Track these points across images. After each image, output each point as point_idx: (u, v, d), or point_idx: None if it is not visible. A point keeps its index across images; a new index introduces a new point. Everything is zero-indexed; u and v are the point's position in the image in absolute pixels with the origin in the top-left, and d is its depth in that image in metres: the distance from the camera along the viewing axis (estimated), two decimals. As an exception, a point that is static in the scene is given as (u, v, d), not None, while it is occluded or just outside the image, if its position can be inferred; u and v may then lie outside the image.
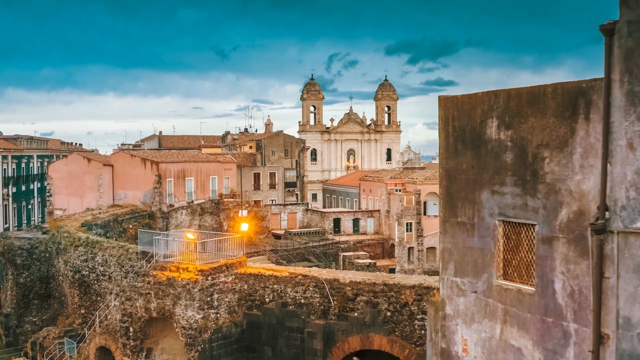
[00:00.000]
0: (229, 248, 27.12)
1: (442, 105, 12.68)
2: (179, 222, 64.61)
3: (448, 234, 12.61)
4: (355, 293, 24.45)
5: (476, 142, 12.03)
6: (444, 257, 12.80)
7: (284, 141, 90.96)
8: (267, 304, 26.12)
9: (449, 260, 12.72)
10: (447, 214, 12.64)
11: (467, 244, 12.26)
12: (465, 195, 12.28)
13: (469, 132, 12.17)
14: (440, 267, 12.94)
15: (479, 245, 12.01)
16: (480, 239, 12.00)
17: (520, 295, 11.21)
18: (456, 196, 12.46)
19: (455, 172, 12.48)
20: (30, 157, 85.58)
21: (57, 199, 63.65)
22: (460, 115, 12.31)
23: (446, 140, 12.66)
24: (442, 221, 12.75)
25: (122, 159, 64.63)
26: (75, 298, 35.11)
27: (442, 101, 12.71)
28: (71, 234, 36.72)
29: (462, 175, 12.35)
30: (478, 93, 11.94)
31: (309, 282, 25.37)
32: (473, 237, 12.11)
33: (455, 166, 12.47)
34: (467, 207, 12.21)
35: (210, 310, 25.52)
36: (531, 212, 10.88)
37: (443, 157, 12.74)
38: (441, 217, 12.81)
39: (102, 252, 32.63)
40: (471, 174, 12.13)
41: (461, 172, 12.38)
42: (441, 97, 12.74)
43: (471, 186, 12.13)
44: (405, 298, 23.56)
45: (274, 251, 68.07)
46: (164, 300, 26.31)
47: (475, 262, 12.12)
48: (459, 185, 12.36)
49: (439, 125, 12.87)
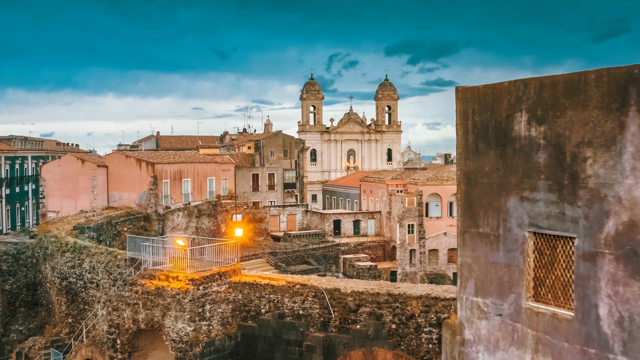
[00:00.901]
0: (223, 254, 25.37)
1: (461, 98, 10.94)
2: (175, 225, 63.13)
3: (467, 246, 10.87)
4: (358, 304, 22.71)
5: (501, 140, 10.28)
6: (463, 273, 11.06)
7: (283, 141, 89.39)
8: (263, 315, 24.38)
9: (468, 277, 10.97)
10: (466, 223, 10.89)
11: (491, 258, 10.51)
12: (489, 202, 10.53)
13: (493, 129, 10.43)
14: (458, 284, 11.20)
15: (505, 261, 10.26)
16: (506, 253, 10.25)
17: (555, 320, 9.47)
18: (477, 203, 10.71)
19: (476, 174, 10.73)
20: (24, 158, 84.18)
21: (50, 200, 62.17)
22: (482, 108, 10.56)
23: (465, 138, 10.91)
24: (461, 232, 11.01)
25: (117, 159, 63.25)
26: (62, 306, 33.38)
27: (460, 93, 10.96)
28: (58, 239, 34.98)
29: (485, 178, 10.60)
30: (504, 83, 10.20)
31: (308, 291, 23.63)
32: (498, 251, 10.36)
33: (476, 168, 10.72)
34: (491, 216, 10.47)
35: (201, 322, 23.78)
36: (569, 222, 9.14)
37: (461, 158, 10.99)
38: (459, 227, 11.07)
39: (89, 258, 30.89)
40: (495, 178, 10.38)
41: (483, 174, 10.63)
42: (459, 88, 11.00)
43: (495, 191, 10.38)
44: (411, 309, 21.83)
45: (273, 254, 66.56)
46: (153, 311, 24.57)
47: (501, 280, 10.38)
48: (480, 191, 10.61)
49: (457, 120, 11.13)
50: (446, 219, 74.16)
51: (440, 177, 76.83)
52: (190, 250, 24.70)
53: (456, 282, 44.40)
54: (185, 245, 24.71)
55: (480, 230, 10.60)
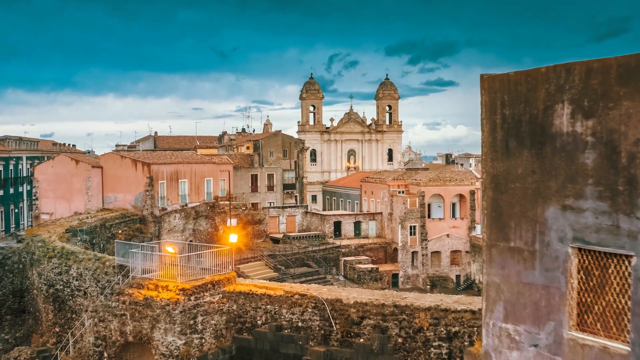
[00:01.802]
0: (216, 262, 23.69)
1: (487, 88, 9.26)
2: (172, 227, 61.63)
3: (495, 263, 9.20)
4: (361, 316, 21.03)
5: (538, 137, 8.61)
6: (490, 294, 9.38)
7: (282, 141, 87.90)
8: (259, 327, 22.68)
9: (496, 299, 9.29)
10: (494, 236, 9.22)
11: (525, 278, 8.84)
12: (522, 211, 8.86)
13: (527, 124, 8.76)
14: (483, 307, 9.52)
15: (542, 282, 8.60)
16: (544, 272, 8.58)
17: (606, 355, 7.81)
18: (508, 212, 9.03)
19: (506, 178, 9.06)
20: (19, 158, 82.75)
21: (44, 202, 60.72)
22: (514, 100, 8.89)
23: (492, 134, 9.24)
24: (487, 246, 9.34)
25: (112, 160, 61.83)
26: (49, 315, 31.71)
27: (486, 82, 9.28)
28: (45, 244, 33.29)
29: (517, 183, 8.92)
30: (540, 68, 8.53)
31: (307, 302, 21.94)
32: (533, 270, 8.69)
33: (506, 170, 9.04)
34: (525, 228, 8.79)
35: (193, 334, 22.10)
36: (626, 237, 7.48)
37: (488, 159, 9.32)
38: (485, 240, 9.39)
39: (76, 264, 29.20)
40: (530, 182, 8.71)
41: (515, 178, 8.95)
42: (485, 77, 9.33)
43: (531, 199, 8.71)
44: (419, 322, 20.15)
45: (272, 256, 65.15)
46: (141, 323, 22.89)
47: (537, 304, 8.71)
48: (511, 197, 8.93)
49: (482, 114, 9.45)
50: (449, 221, 72.67)
51: (442, 177, 75.25)
52: (181, 257, 23.01)
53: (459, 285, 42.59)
54: (175, 252, 23.03)
55: (512, 244, 8.92)
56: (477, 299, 21.26)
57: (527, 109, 8.75)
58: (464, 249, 72.21)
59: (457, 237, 72.31)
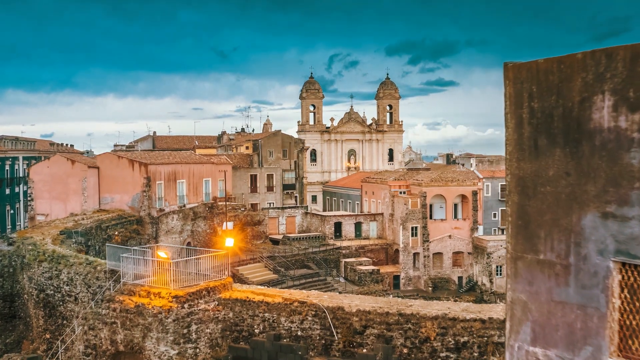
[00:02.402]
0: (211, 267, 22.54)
1: (512, 78, 8.12)
2: (169, 228, 60.65)
3: (522, 278, 8.06)
4: (364, 324, 19.90)
5: (573, 134, 7.46)
6: (515, 313, 8.24)
7: (282, 141, 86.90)
8: (256, 336, 21.55)
9: (522, 319, 8.15)
10: (520, 247, 8.08)
11: (557, 296, 7.70)
12: (554, 218, 7.71)
13: (560, 118, 7.61)
14: (507, 327, 8.39)
15: (577, 301, 7.45)
16: (580, 290, 7.43)
17: (655, 387, 6.67)
18: (537, 220, 7.89)
19: (534, 181, 7.91)
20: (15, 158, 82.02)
21: (39, 203, 59.82)
22: (544, 91, 7.75)
23: (518, 131, 8.09)
24: (512, 258, 8.20)
25: (109, 160, 60.95)
26: (40, 320, 30.59)
27: (510, 71, 8.15)
28: (36, 247, 32.14)
29: (548, 186, 7.78)
30: (576, 54, 7.38)
31: (307, 310, 20.81)
32: (567, 287, 7.55)
33: (534, 172, 7.90)
34: (557, 238, 7.65)
35: (187, 344, 20.97)
36: (681, 251, 6.34)
37: (513, 158, 8.18)
38: (509, 251, 8.25)
39: (67, 268, 28.09)
40: (564, 186, 7.57)
41: (546, 181, 7.81)
42: (509, 65, 8.19)
43: (564, 205, 7.57)
44: (425, 332, 19.03)
45: (272, 258, 64.24)
46: (132, 332, 21.76)
47: (571, 326, 7.56)
48: (541, 203, 7.79)
49: (506, 108, 8.31)
50: (451, 221, 71.67)
51: (444, 177, 74.19)
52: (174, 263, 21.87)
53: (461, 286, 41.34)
54: (168, 257, 21.89)
55: (541, 257, 7.78)
56: (486, 306, 20.17)
57: (560, 101, 7.60)
58: (466, 250, 71.16)
59: (459, 238, 71.27)
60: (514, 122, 8.16)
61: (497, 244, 66.05)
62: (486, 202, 78.79)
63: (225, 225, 41.89)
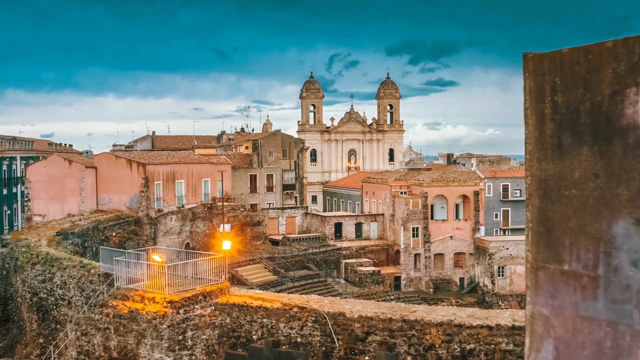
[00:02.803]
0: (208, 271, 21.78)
1: (532, 69, 7.33)
2: (168, 229, 59.94)
3: (543, 290, 7.27)
4: (366, 331, 19.16)
5: (603, 131, 6.68)
6: (535, 329, 7.47)
7: (282, 141, 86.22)
8: (254, 343, 20.81)
9: (544, 335, 7.37)
10: (541, 256, 7.29)
11: (584, 311, 6.91)
12: (580, 225, 6.92)
13: (588, 114, 6.82)
14: (526, 344, 7.65)
15: (607, 317, 6.67)
16: (610, 305, 6.65)
17: (698, 416, 5.91)
18: (561, 226, 7.10)
19: (558, 183, 7.12)
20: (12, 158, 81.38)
21: (36, 204, 59.12)
22: (570, 83, 6.96)
23: (540, 128, 7.30)
24: (533, 268, 7.42)
25: (107, 160, 60.27)
26: (33, 324, 29.85)
27: (531, 62, 7.36)
28: (30, 249, 31.39)
29: (574, 189, 6.99)
30: (606, 42, 6.61)
31: (307, 315, 20.07)
32: (595, 301, 6.76)
33: (558, 174, 7.11)
34: (584, 247, 6.86)
35: (182, 351, 20.23)
36: None
37: (534, 158, 7.39)
38: (529, 260, 7.49)
39: (60, 271, 27.33)
40: (592, 188, 6.78)
41: (571, 183, 7.02)
42: (529, 56, 7.41)
43: (593, 209, 6.78)
44: (430, 339, 18.29)
45: (271, 259, 63.60)
46: (126, 338, 21.03)
47: (600, 345, 6.78)
48: (566, 208, 7.00)
49: (526, 102, 7.52)
50: (452, 222, 70.96)
51: (445, 177, 73.45)
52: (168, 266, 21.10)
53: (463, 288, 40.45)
54: (163, 261, 21.13)
55: (566, 267, 7.00)
56: (493, 312, 19.44)
57: (588, 95, 6.83)
58: (467, 251, 70.45)
59: (460, 238, 70.57)
60: (534, 119, 7.40)
61: (499, 245, 65.35)
62: (488, 202, 78.10)
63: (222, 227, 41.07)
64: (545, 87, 7.15)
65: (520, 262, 64.60)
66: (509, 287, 65.12)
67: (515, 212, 79.18)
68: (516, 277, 65.11)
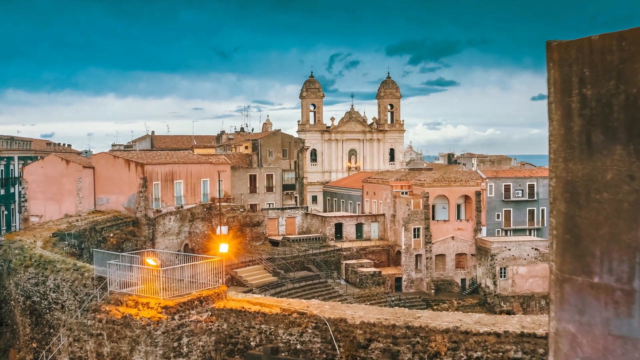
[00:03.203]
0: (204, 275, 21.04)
1: (558, 59, 6.59)
2: (166, 229, 59.29)
3: (570, 305, 6.54)
4: (369, 338, 18.43)
5: (639, 128, 5.95)
6: (560, 347, 6.74)
7: (281, 141, 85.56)
8: (252, 350, 20.09)
9: (570, 355, 6.63)
10: (568, 267, 6.56)
11: (616, 329, 6.18)
12: (613, 232, 6.20)
13: (622, 108, 6.10)
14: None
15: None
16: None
17: None
18: (590, 234, 6.37)
19: (588, 186, 6.40)
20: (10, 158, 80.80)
21: (33, 204, 58.48)
22: (600, 74, 6.23)
23: (566, 124, 6.57)
24: (558, 280, 6.69)
25: (105, 160, 59.68)
26: (26, 328, 29.13)
27: (555, 51, 6.62)
28: (23, 251, 30.66)
29: (606, 192, 6.26)
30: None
31: (307, 321, 19.34)
32: (630, 318, 6.04)
33: (587, 175, 6.39)
34: (618, 257, 6.14)
35: (178, 358, 19.51)
36: None
37: (559, 158, 6.65)
38: (554, 272, 6.76)
39: (54, 274, 26.63)
40: (627, 192, 6.06)
41: (603, 186, 6.29)
42: (554, 44, 6.68)
43: (627, 215, 6.06)
44: (435, 346, 17.55)
45: (271, 260, 62.94)
46: (119, 344, 20.29)
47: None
48: (596, 213, 6.27)
49: (550, 96, 6.78)
50: (454, 223, 70.29)
51: (447, 178, 72.77)
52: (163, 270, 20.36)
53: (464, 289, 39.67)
54: (157, 265, 20.39)
55: (596, 280, 6.27)
56: (500, 318, 18.72)
57: (622, 86, 6.09)
58: (469, 251, 69.79)
59: (462, 239, 69.89)
60: (560, 114, 6.65)
61: (501, 246, 64.67)
62: (489, 202, 77.41)
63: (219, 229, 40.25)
64: (573, 79, 6.41)
65: (522, 263, 63.92)
66: (511, 288, 64.45)
67: (517, 212, 78.48)
68: (518, 278, 64.44)
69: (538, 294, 64.24)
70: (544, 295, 63.64)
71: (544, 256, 64.02)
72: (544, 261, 63.92)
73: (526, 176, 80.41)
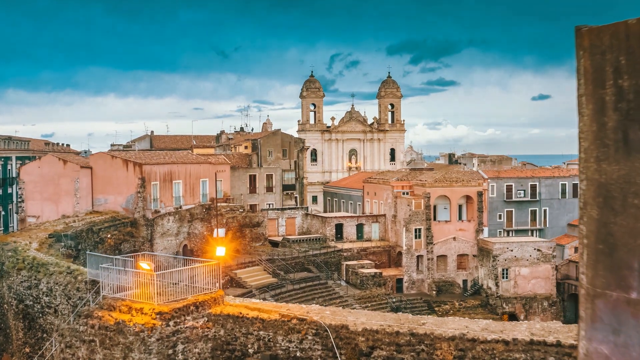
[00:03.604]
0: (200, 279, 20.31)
1: (588, 47, 5.86)
2: (165, 230, 58.62)
3: (603, 323, 5.83)
4: (371, 345, 17.69)
5: (685, 123, 5.23)
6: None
7: (281, 141, 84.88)
8: (250, 357, 19.34)
9: (603, 380, 5.90)
10: (600, 280, 5.84)
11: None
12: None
13: (665, 101, 5.35)
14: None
15: (691, 361, 5.22)
16: (696, 346, 5.21)
17: None
18: (627, 243, 5.64)
19: (624, 189, 5.67)
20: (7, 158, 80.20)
21: (30, 205, 57.84)
22: (638, 63, 5.50)
23: (599, 120, 5.84)
24: (589, 295, 5.97)
25: (102, 160, 59.03)
26: (19, 333, 28.43)
27: (586, 37, 5.89)
28: (16, 253, 29.94)
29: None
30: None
31: (307, 328, 18.60)
32: (674, 340, 5.31)
33: (624, 177, 5.66)
34: (659, 271, 5.41)
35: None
36: None
37: (591, 157, 5.93)
38: (584, 285, 6.04)
39: (47, 278, 25.92)
40: (671, 197, 5.32)
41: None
42: (584, 30, 5.95)
43: (671, 224, 5.32)
44: (441, 354, 16.82)
45: (271, 261, 62.33)
46: (112, 352, 19.55)
47: (681, 396, 5.32)
48: (634, 220, 5.55)
49: (580, 88, 6.05)
50: (455, 223, 69.59)
51: (448, 178, 72.05)
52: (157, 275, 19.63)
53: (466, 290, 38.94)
54: (151, 269, 19.66)
55: (633, 295, 5.54)
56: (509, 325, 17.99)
57: (665, 76, 5.37)
58: (471, 252, 69.08)
59: (463, 240, 69.19)
60: (592, 108, 5.91)
61: (503, 247, 63.94)
62: (491, 203, 76.67)
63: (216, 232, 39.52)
64: (606, 69, 5.66)
65: (524, 264, 63.17)
66: (513, 289, 63.72)
67: (519, 212, 77.76)
68: (520, 279, 63.71)
69: (540, 296, 63.52)
70: (546, 296, 62.94)
71: (546, 257, 63.31)
72: (546, 262, 63.21)
73: (528, 176, 79.71)
